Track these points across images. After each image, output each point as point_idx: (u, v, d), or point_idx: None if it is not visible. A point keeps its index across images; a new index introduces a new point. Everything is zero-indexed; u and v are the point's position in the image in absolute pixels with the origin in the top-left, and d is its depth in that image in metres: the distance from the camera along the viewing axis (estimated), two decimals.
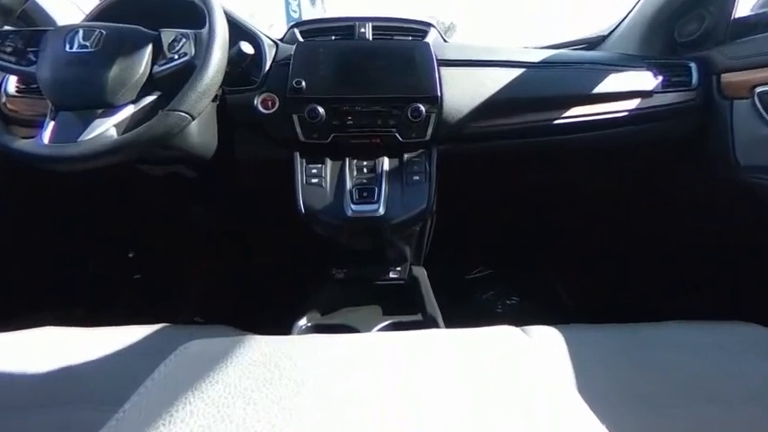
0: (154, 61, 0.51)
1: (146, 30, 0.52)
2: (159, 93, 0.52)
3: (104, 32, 0.50)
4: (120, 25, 0.52)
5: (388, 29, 0.68)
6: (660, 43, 0.74)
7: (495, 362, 0.27)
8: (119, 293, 1.03)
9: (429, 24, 0.70)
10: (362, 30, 0.67)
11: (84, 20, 0.67)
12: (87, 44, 0.50)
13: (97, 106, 0.49)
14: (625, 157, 0.79)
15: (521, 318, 0.50)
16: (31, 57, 0.51)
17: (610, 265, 0.99)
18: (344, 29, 0.68)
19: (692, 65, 0.69)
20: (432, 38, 0.68)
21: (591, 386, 0.37)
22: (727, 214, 0.75)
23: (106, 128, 0.48)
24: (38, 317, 0.50)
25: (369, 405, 0.22)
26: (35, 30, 0.52)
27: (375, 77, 0.61)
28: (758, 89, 0.61)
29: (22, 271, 0.87)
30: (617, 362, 0.41)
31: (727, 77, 0.66)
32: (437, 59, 0.62)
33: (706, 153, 0.70)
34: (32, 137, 0.48)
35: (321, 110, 0.59)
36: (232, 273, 1.10)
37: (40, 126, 0.49)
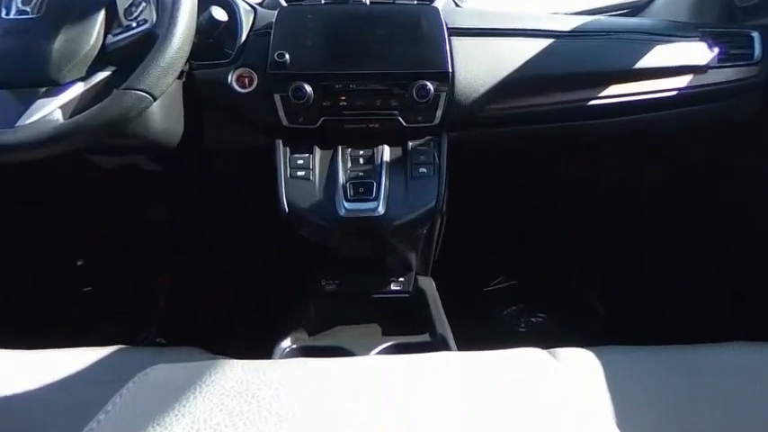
0: (107, 30, 0.51)
1: None
2: (114, 68, 0.52)
3: None
4: None
5: None
6: (717, 9, 0.74)
7: (518, 391, 0.27)
8: (66, 309, 1.03)
9: None
10: None
11: None
12: (27, 9, 0.50)
13: (39, 84, 0.49)
14: (674, 146, 0.79)
15: (548, 338, 0.50)
16: None
17: (655, 275, 0.99)
18: None
19: (755, 35, 0.68)
20: (441, 2, 0.68)
21: (632, 420, 0.37)
22: None
23: (50, 110, 0.48)
24: None
25: None
26: None
27: (373, 49, 0.61)
28: None
29: None
30: (663, 391, 0.41)
31: None
32: (448, 28, 0.62)
33: None
34: None
35: (308, 88, 0.59)
36: (201, 284, 1.10)
37: None
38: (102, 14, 0.51)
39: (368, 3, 0.67)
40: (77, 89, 0.50)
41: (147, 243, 1.08)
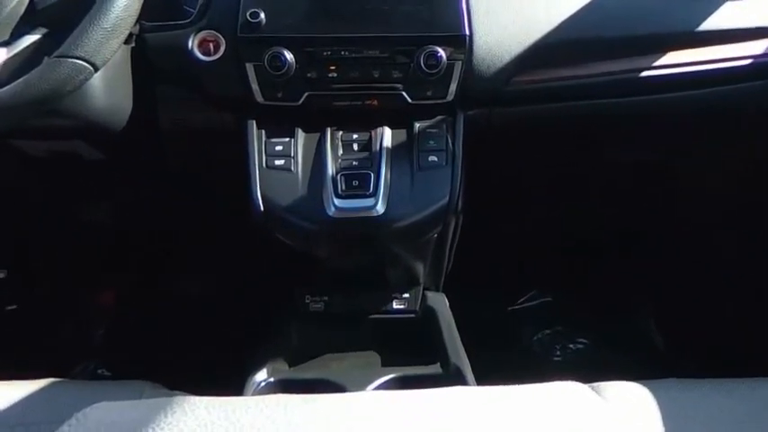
0: None
1: None
2: (45, 30, 0.52)
3: None
4: None
5: None
6: None
7: None
8: None
9: None
10: None
11: None
12: None
13: None
14: (752, 129, 0.79)
15: (591, 369, 0.50)
16: None
17: (727, 292, 0.99)
18: None
19: None
20: None
21: None
22: None
23: None
24: None
25: None
26: None
27: (371, 7, 0.61)
28: None
29: None
30: None
31: None
32: None
33: None
34: None
35: (289, 56, 0.59)
36: (153, 303, 1.11)
37: None
38: None
39: None
40: (0, 56, 0.50)
41: (84, 252, 1.08)
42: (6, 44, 0.51)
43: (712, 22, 0.66)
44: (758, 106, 0.71)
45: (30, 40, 0.51)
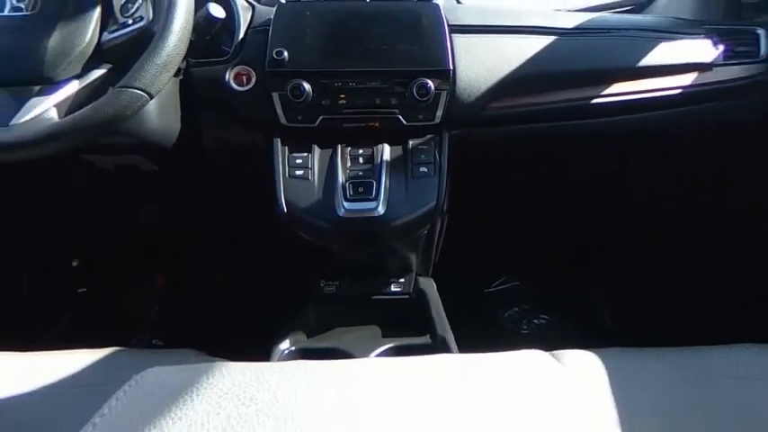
0: (103, 27, 0.51)
1: None
2: (109, 66, 0.52)
3: None
4: None
5: None
6: (722, 6, 0.74)
7: (519, 393, 0.27)
8: (60, 310, 1.03)
9: None
10: None
11: None
12: (21, 6, 0.50)
13: (34, 82, 0.49)
14: (681, 145, 0.79)
15: (552, 340, 0.49)
16: None
17: (663, 277, 0.99)
18: None
19: (761, 32, 0.68)
20: None
21: (637, 425, 0.37)
22: None
23: (45, 109, 0.48)
24: None
25: None
26: None
27: (373, 47, 0.61)
28: None
29: None
30: (671, 395, 0.41)
31: None
32: (449, 25, 0.62)
33: None
34: None
35: (307, 86, 0.59)
36: (198, 286, 1.10)
37: None
38: (97, 11, 0.51)
39: (368, 0, 0.67)
40: (72, 87, 0.50)
41: (144, 244, 1.08)
42: (78, 77, 0.51)
43: (648, 59, 0.66)
44: (686, 128, 0.71)
45: (97, 73, 0.51)
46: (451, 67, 0.61)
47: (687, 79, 0.67)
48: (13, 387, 0.43)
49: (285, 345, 0.62)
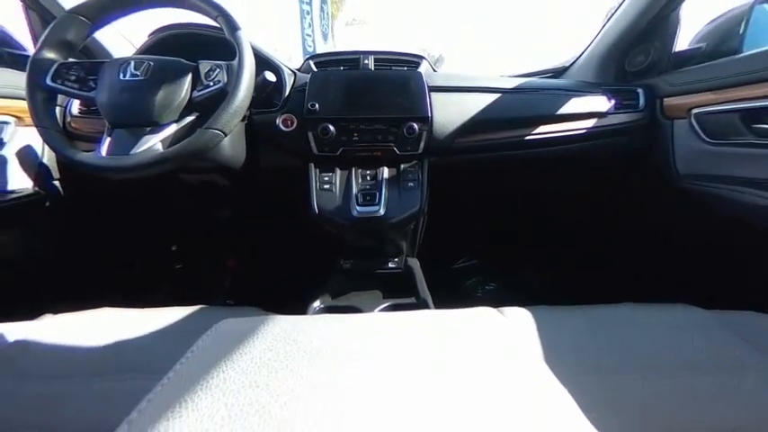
0: (193, 87, 0.51)
1: (186, 61, 0.52)
2: (197, 113, 0.52)
3: (152, 63, 0.51)
4: (165, 57, 0.52)
5: (388, 60, 0.69)
6: (613, 72, 0.74)
7: (474, 337, 0.27)
8: (164, 280, 1.03)
9: (421, 57, 0.71)
10: (366, 61, 0.68)
11: (135, 53, 0.68)
12: (138, 73, 0.50)
13: (146, 125, 0.49)
14: (586, 167, 0.79)
15: (498, 301, 0.49)
16: (92, 84, 0.51)
17: (575, 255, 0.99)
18: (351, 60, 0.69)
19: (640, 90, 0.69)
20: (424, 68, 0.69)
21: (557, 357, 0.37)
22: (672, 214, 0.75)
23: (154, 143, 0.48)
24: (100, 301, 0.50)
25: (368, 372, 0.23)
26: (94, 61, 0.53)
27: (376, 101, 0.61)
28: (694, 111, 0.62)
29: (89, 264, 0.87)
30: (579, 337, 0.41)
31: (668, 101, 0.66)
32: (428, 86, 0.62)
33: (652, 164, 0.70)
34: (92, 150, 0.49)
35: (332, 128, 0.59)
36: (257, 264, 1.10)
37: (98, 141, 0.49)
38: (189, 76, 0.51)
39: (373, 69, 0.67)
40: (172, 128, 0.50)
41: (220, 236, 1.08)
42: (176, 121, 0.51)
43: (563, 109, 0.66)
44: (588, 156, 0.71)
45: (189, 119, 0.51)
46: (430, 115, 0.61)
47: (590, 123, 0.67)
48: (132, 332, 0.43)
49: (317, 303, 0.62)
